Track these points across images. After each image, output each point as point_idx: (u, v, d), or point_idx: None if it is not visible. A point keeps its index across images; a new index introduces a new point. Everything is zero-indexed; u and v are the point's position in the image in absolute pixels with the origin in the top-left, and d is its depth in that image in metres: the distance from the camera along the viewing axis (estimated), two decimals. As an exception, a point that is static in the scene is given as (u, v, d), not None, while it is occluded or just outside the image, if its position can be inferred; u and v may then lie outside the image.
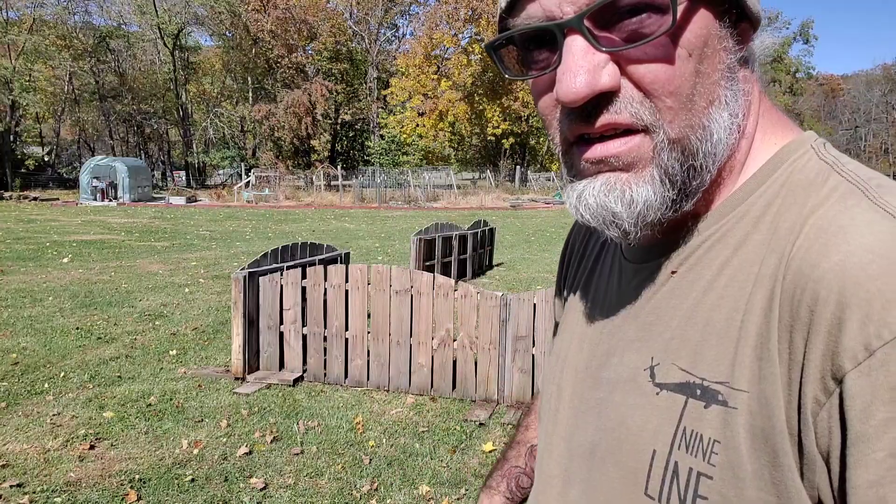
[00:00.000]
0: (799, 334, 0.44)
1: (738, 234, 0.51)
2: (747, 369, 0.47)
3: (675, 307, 0.54)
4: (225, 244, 14.07)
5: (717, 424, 0.48)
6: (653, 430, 0.53)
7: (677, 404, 0.51)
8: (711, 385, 0.49)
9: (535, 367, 4.49)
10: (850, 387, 0.41)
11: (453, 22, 42.13)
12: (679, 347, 0.52)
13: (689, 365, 0.51)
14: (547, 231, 17.92)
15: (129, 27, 45.37)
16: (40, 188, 35.87)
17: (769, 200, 0.51)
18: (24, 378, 4.94)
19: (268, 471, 3.54)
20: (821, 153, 0.52)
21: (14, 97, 36.05)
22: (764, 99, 0.57)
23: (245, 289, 4.89)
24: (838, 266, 0.43)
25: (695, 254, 0.54)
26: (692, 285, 0.53)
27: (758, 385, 0.46)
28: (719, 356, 0.49)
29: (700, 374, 0.50)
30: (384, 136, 45.64)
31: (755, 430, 0.46)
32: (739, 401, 0.47)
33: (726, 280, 0.51)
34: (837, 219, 0.46)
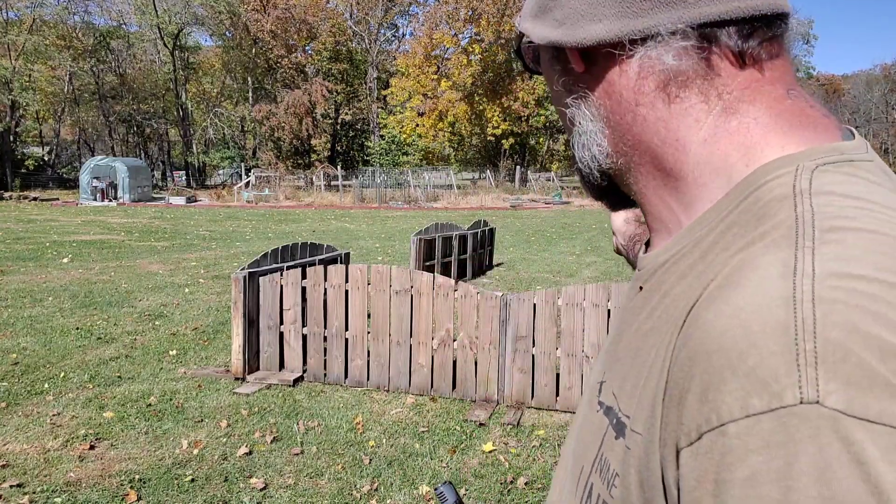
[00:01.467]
0: (668, 394, 0.42)
1: (687, 262, 0.47)
2: (645, 412, 0.44)
3: (629, 325, 0.53)
4: (225, 244, 14.07)
5: (619, 457, 0.47)
6: (588, 447, 0.53)
7: (603, 427, 0.51)
8: (622, 418, 0.48)
9: (535, 367, 4.50)
10: (682, 465, 0.39)
11: (453, 22, 42.14)
12: (617, 369, 0.52)
13: (617, 389, 0.50)
14: (547, 231, 17.91)
15: (129, 27, 45.41)
16: (40, 188, 35.87)
17: (725, 229, 0.46)
18: (24, 378, 4.94)
19: (268, 471, 3.54)
20: (799, 180, 0.44)
21: (14, 97, 36.04)
22: (762, 95, 0.49)
23: (245, 289, 4.89)
24: (706, 326, 0.39)
25: (657, 272, 0.51)
26: (644, 306, 0.51)
27: (648, 431, 0.43)
28: (633, 389, 0.47)
29: (620, 403, 0.49)
30: (384, 137, 45.63)
31: (642, 476, 0.44)
32: (633, 441, 0.45)
33: (662, 310, 0.47)
34: (743, 267, 0.41)
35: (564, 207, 29.17)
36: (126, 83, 43.83)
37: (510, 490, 3.39)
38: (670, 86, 0.50)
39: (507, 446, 3.93)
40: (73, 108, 43.54)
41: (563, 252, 13.20)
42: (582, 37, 0.51)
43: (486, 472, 3.58)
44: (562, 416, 4.39)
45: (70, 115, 44.14)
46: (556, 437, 4.06)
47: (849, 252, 0.38)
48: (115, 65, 44.24)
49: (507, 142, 43.87)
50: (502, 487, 3.42)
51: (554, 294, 4.44)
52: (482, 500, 3.30)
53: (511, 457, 3.77)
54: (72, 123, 45.53)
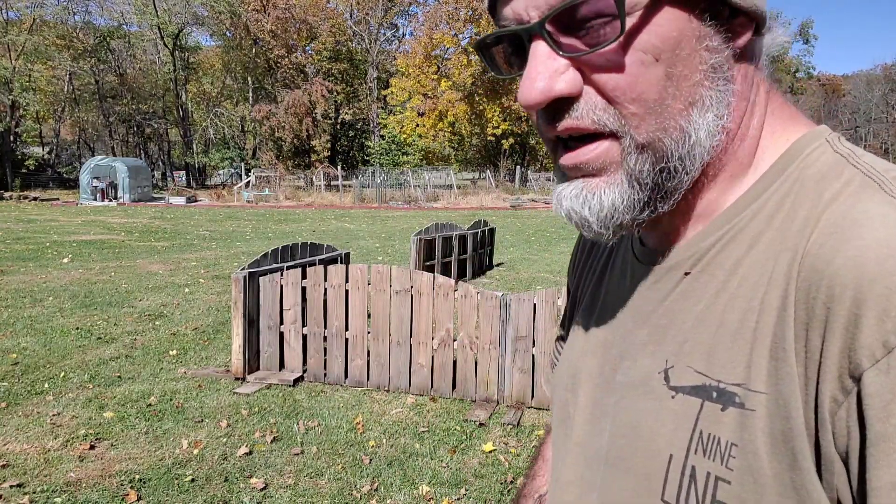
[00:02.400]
0: (815, 332, 0.43)
1: (750, 233, 0.50)
2: (764, 370, 0.46)
3: (688, 310, 0.53)
4: (225, 244, 14.07)
5: (734, 427, 0.47)
6: (668, 434, 0.51)
7: (693, 407, 0.50)
8: (728, 387, 0.48)
9: (535, 367, 4.50)
10: (868, 385, 0.40)
11: (453, 22, 42.14)
12: (693, 350, 0.51)
13: (705, 367, 0.50)
14: (547, 231, 17.92)
15: (130, 27, 45.40)
16: (40, 188, 35.88)
17: (782, 196, 0.50)
18: (24, 378, 4.94)
19: (268, 471, 3.54)
20: (835, 146, 0.51)
21: (14, 97, 36.05)
22: (774, 96, 0.55)
23: (245, 289, 4.89)
24: (853, 261, 0.42)
25: (707, 254, 0.53)
26: (705, 287, 0.52)
27: (775, 386, 0.45)
28: (734, 357, 0.48)
29: (716, 376, 0.49)
30: (384, 136, 45.63)
31: (774, 433, 0.45)
32: (757, 402, 0.46)
33: (739, 280, 0.50)
34: (851, 213, 0.45)
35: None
36: (126, 83, 43.83)
37: (510, 490, 3.39)
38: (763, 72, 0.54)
39: (507, 446, 3.93)
40: (73, 108, 43.55)
41: (563, 252, 13.20)
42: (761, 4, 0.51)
43: (486, 472, 3.58)
44: (562, 416, 4.38)
45: (70, 115, 44.15)
46: (556, 437, 4.05)
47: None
48: (116, 65, 44.23)
49: (507, 142, 43.87)
50: (502, 487, 3.42)
51: (554, 294, 4.44)
52: (482, 501, 3.30)
53: (511, 457, 3.77)
54: (72, 123, 45.54)
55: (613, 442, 0.56)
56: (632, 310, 0.60)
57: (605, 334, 0.63)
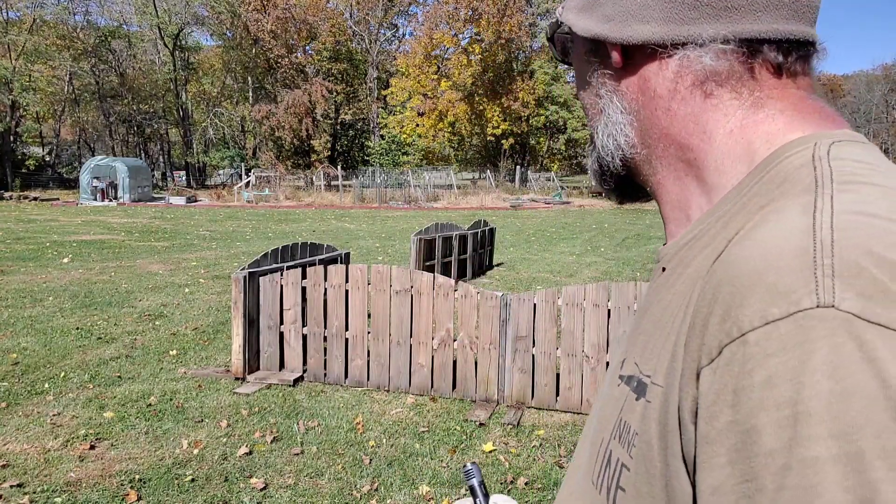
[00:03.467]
0: (691, 326, 0.44)
1: (710, 233, 0.51)
2: (665, 364, 0.47)
3: (652, 304, 0.55)
4: (225, 244, 14.07)
5: (639, 417, 0.49)
6: (608, 419, 0.55)
7: (623, 395, 0.53)
8: (642, 378, 0.50)
9: (535, 367, 4.50)
10: (701, 384, 0.41)
11: (453, 22, 42.12)
12: (639, 342, 0.54)
13: (639, 357, 0.53)
14: (547, 231, 17.91)
15: (130, 27, 45.40)
16: (40, 188, 35.86)
17: (747, 201, 0.49)
18: (25, 378, 4.94)
19: (268, 471, 3.54)
20: (818, 149, 0.48)
21: (14, 97, 36.04)
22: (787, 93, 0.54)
23: (245, 289, 4.88)
24: (726, 262, 0.43)
25: (679, 252, 0.54)
26: (666, 282, 0.54)
27: (666, 380, 0.46)
28: (654, 350, 0.50)
29: (641, 368, 0.51)
30: (384, 136, 45.61)
31: (661, 426, 0.46)
32: (655, 394, 0.47)
33: (685, 277, 0.50)
34: (770, 214, 0.44)
35: (564, 207, 29.17)
36: (126, 83, 43.81)
37: (510, 490, 3.39)
38: (707, 83, 0.54)
39: (507, 446, 3.92)
40: (73, 108, 43.54)
41: (563, 252, 13.20)
42: (628, 35, 0.56)
43: (486, 472, 3.58)
44: (562, 416, 4.39)
45: (70, 115, 44.13)
46: (556, 437, 4.06)
47: (863, 198, 0.42)
48: (116, 65, 44.22)
49: (507, 142, 43.85)
50: (502, 487, 3.41)
51: (554, 294, 4.44)
52: (482, 500, 3.29)
53: (511, 457, 3.77)
54: (72, 123, 45.52)
55: (593, 424, 0.61)
56: (639, 308, 0.63)
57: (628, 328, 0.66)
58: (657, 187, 0.59)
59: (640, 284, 4.32)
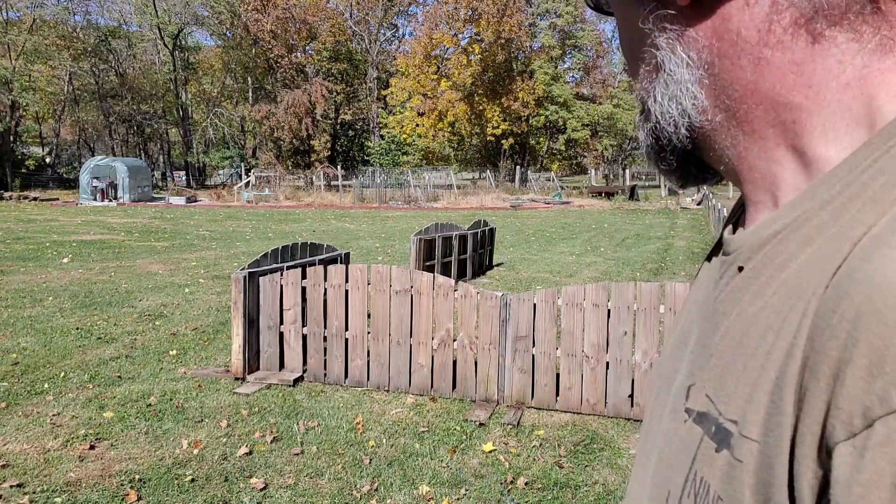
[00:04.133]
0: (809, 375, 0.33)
1: (812, 224, 0.39)
2: (762, 412, 0.36)
3: (727, 315, 0.43)
4: (225, 244, 14.07)
5: (722, 476, 0.38)
6: (672, 465, 0.44)
7: (695, 439, 0.42)
8: (725, 423, 0.39)
9: (535, 366, 4.50)
10: (837, 465, 0.30)
11: (453, 22, 42.14)
12: (711, 366, 0.43)
13: (714, 390, 0.41)
14: (547, 231, 17.91)
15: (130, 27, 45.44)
16: (40, 188, 35.89)
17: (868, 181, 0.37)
18: (24, 378, 4.94)
19: (268, 471, 3.54)
20: None
21: (14, 97, 36.06)
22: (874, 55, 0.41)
23: (245, 289, 4.89)
24: (867, 279, 0.31)
25: (766, 246, 0.42)
26: (749, 287, 0.42)
27: (766, 437, 0.35)
28: (740, 386, 0.38)
29: (719, 406, 0.40)
30: (384, 136, 45.64)
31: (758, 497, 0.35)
32: (747, 452, 0.36)
33: (777, 286, 0.39)
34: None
35: (564, 207, 29.17)
36: (126, 83, 43.85)
37: (510, 490, 3.39)
38: (815, 21, 0.40)
39: (507, 446, 3.92)
40: (73, 108, 43.56)
41: (563, 252, 13.20)
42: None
43: (486, 472, 3.58)
44: (562, 416, 4.39)
45: (70, 115, 44.15)
46: (556, 437, 4.06)
47: None
48: (116, 65, 44.26)
49: (507, 142, 43.86)
50: (502, 487, 3.41)
51: (554, 294, 4.44)
52: (482, 501, 3.30)
53: (511, 457, 3.77)
54: (72, 123, 45.55)
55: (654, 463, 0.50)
56: (698, 306, 0.51)
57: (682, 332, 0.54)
58: (737, 162, 0.45)
59: (639, 284, 4.32)
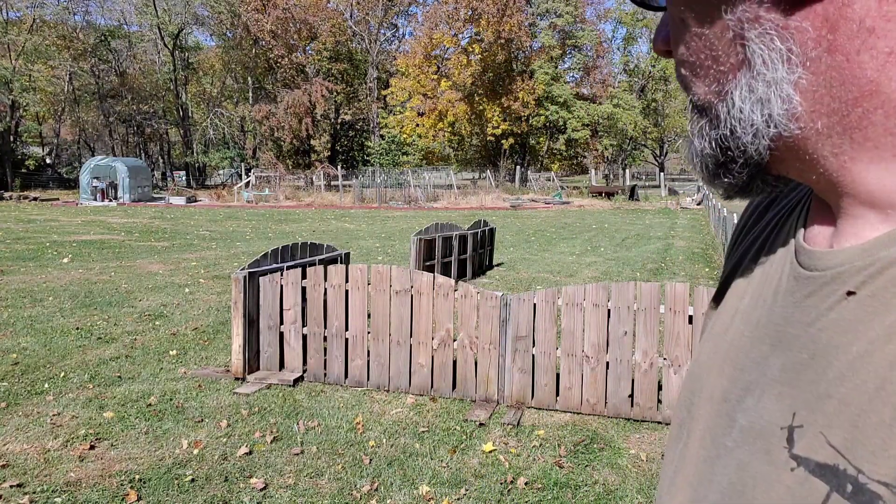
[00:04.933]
0: None
1: None
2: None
3: (841, 348, 0.37)
4: (225, 244, 14.08)
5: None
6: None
7: (816, 494, 0.36)
8: (870, 484, 0.33)
9: (535, 366, 4.50)
10: None
11: (453, 22, 42.14)
12: (835, 411, 0.36)
13: (843, 442, 0.35)
14: (547, 231, 17.91)
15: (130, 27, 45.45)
16: (40, 188, 35.90)
17: None
18: (24, 378, 4.94)
19: (268, 471, 3.54)
20: None
21: (14, 97, 36.06)
22: None
23: (245, 289, 4.89)
24: None
25: (888, 271, 0.36)
26: (873, 319, 0.36)
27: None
28: (892, 441, 0.33)
29: (856, 461, 0.34)
30: (384, 137, 45.66)
31: None
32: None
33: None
34: None
35: (564, 207, 29.17)
36: (126, 83, 43.87)
37: (510, 490, 3.39)
38: None
39: (507, 446, 3.92)
40: (73, 108, 43.57)
41: (563, 252, 13.20)
42: None
43: (486, 472, 3.58)
44: (562, 416, 4.39)
45: (70, 115, 44.16)
46: (556, 437, 4.06)
47: None
48: (116, 65, 44.27)
49: (507, 142, 43.87)
50: (502, 487, 3.42)
51: (554, 294, 4.44)
52: (482, 501, 3.30)
53: (511, 457, 3.77)
54: (72, 123, 45.56)
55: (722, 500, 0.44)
56: (771, 326, 0.44)
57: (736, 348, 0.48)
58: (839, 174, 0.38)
59: (639, 284, 4.32)
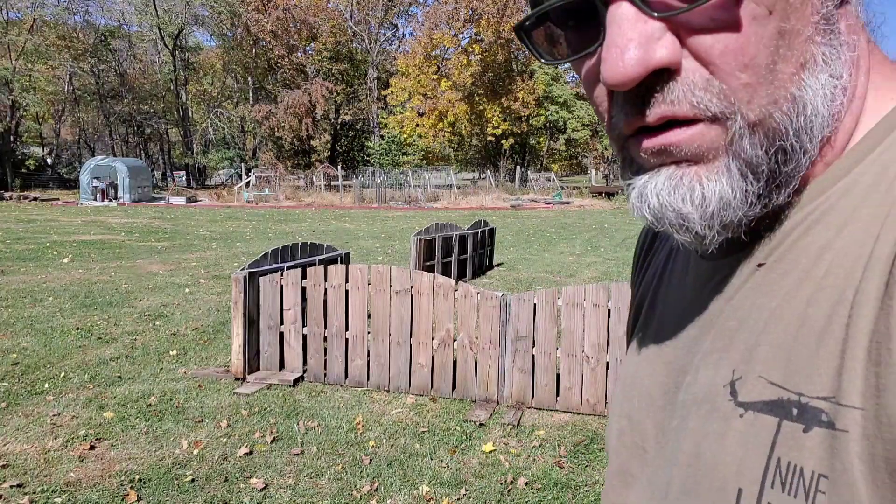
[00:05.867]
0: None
1: (842, 211, 0.41)
2: (860, 378, 0.36)
3: (761, 306, 0.43)
4: (225, 244, 14.07)
5: (821, 453, 0.37)
6: (736, 462, 0.42)
7: (767, 428, 0.40)
8: (812, 401, 0.38)
9: (535, 367, 4.50)
10: None
11: (453, 22, 42.14)
12: (767, 355, 0.42)
13: (782, 377, 0.40)
14: (547, 231, 17.91)
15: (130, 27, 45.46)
16: (40, 188, 35.87)
17: (885, 165, 0.40)
18: (24, 378, 4.94)
19: (268, 471, 3.54)
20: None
21: (14, 97, 36.06)
22: (875, 48, 0.45)
23: (245, 289, 4.89)
24: None
25: (787, 240, 0.43)
26: (783, 278, 0.43)
27: (876, 398, 0.35)
28: (821, 363, 0.38)
29: (796, 388, 0.39)
30: (384, 137, 45.64)
31: (875, 460, 0.35)
32: (851, 420, 0.36)
33: (827, 267, 0.40)
34: None
35: (564, 207, 29.17)
36: (126, 83, 43.85)
37: (510, 490, 3.39)
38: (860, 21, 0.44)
39: (508, 446, 3.92)
40: (73, 108, 43.57)
41: (563, 252, 13.20)
42: None
43: (486, 472, 3.58)
44: (562, 416, 4.39)
45: (70, 115, 44.16)
46: (556, 437, 4.06)
47: None
48: (116, 65, 44.26)
49: (507, 142, 43.87)
50: (502, 488, 3.41)
51: (554, 294, 4.44)
52: (482, 501, 3.30)
53: (511, 457, 3.77)
54: (72, 123, 45.55)
55: (675, 474, 0.47)
56: (695, 314, 0.50)
57: (666, 348, 0.53)
58: None
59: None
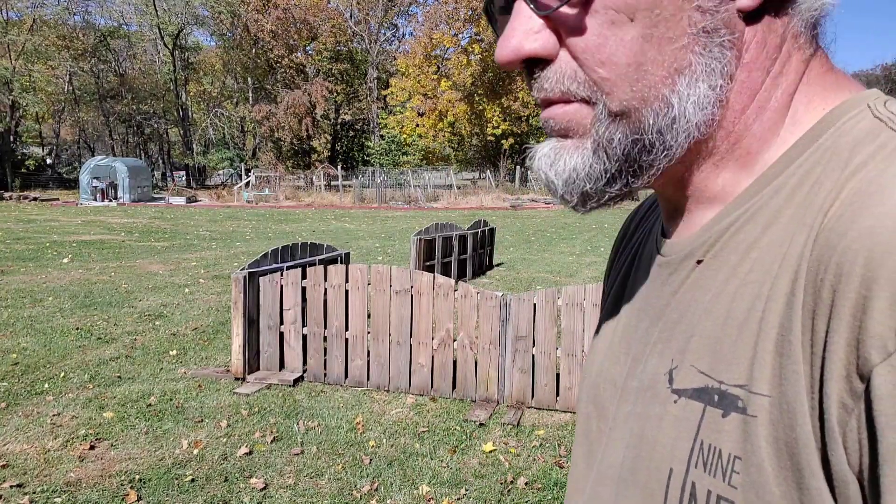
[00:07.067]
0: (821, 320, 0.37)
1: (769, 211, 0.44)
2: (768, 368, 0.40)
3: (698, 300, 0.47)
4: (225, 244, 14.07)
5: (736, 437, 0.41)
6: (669, 444, 0.46)
7: (695, 413, 0.44)
8: (730, 389, 0.42)
9: (535, 367, 4.50)
10: (878, 385, 0.33)
11: (453, 22, 42.14)
12: (698, 346, 0.46)
13: (708, 366, 0.44)
14: (547, 231, 17.91)
15: (129, 27, 45.46)
16: (40, 188, 35.88)
17: (809, 169, 0.43)
18: (24, 378, 4.94)
19: (268, 471, 3.54)
20: (877, 111, 0.44)
21: (14, 97, 36.05)
22: (818, 62, 0.48)
23: (245, 289, 4.88)
24: (867, 231, 0.36)
25: (721, 238, 0.47)
26: (716, 274, 0.46)
27: (779, 387, 0.39)
28: (739, 353, 0.42)
29: (718, 376, 0.43)
30: (384, 137, 45.63)
31: (778, 444, 0.38)
32: (759, 407, 0.39)
33: (751, 263, 0.44)
34: (879, 179, 0.38)
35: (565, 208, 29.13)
36: (126, 83, 43.85)
37: (510, 490, 3.39)
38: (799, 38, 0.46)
39: (507, 446, 3.92)
40: (73, 108, 43.56)
41: (563, 252, 13.20)
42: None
43: (486, 472, 3.58)
44: (562, 416, 4.39)
45: (70, 115, 44.16)
46: (556, 437, 4.06)
47: None
48: (116, 65, 44.26)
49: (507, 142, 43.84)
50: (502, 487, 3.41)
51: (554, 294, 4.44)
52: (482, 500, 3.30)
53: (511, 457, 3.77)
54: (72, 123, 45.57)
55: (626, 455, 0.51)
56: (648, 307, 0.55)
57: (626, 337, 0.58)
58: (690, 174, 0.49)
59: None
